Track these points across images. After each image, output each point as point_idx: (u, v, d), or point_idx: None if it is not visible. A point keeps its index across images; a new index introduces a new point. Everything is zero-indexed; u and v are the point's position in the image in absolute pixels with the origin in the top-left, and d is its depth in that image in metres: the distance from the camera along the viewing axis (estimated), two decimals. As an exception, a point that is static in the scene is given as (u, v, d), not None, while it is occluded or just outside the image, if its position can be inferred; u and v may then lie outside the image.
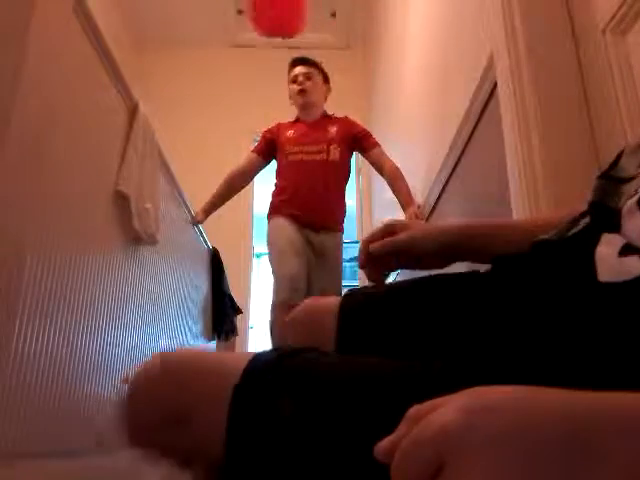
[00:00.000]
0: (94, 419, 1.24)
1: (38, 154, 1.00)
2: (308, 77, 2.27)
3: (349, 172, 2.26)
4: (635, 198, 0.38)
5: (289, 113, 2.38)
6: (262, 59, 4.27)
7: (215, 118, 4.09)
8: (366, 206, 3.93)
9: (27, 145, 0.96)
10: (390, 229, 0.66)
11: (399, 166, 2.38)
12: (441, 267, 0.68)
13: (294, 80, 2.28)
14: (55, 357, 1.05)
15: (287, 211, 2.07)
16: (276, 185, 2.22)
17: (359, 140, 2.23)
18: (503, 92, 1.13)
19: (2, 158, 0.88)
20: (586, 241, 0.41)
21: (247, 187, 3.89)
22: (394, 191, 2.14)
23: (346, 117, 2.32)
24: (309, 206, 2.08)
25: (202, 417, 0.37)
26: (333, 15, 4.07)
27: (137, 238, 1.54)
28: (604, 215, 0.42)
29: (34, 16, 0.97)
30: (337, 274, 2.20)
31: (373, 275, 0.69)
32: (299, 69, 2.29)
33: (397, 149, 2.78)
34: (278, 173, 2.23)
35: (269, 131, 2.32)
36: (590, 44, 1.01)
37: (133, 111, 1.52)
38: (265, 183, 2.54)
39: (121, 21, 3.90)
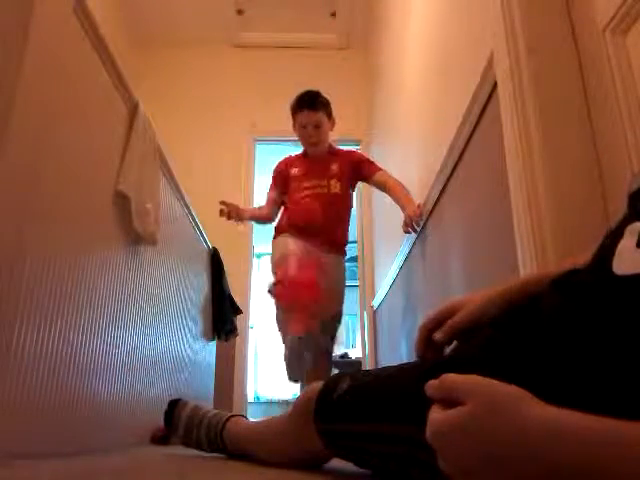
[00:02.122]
0: (94, 419, 1.24)
1: (38, 154, 1.00)
2: (317, 125, 2.31)
3: (350, 203, 2.37)
4: None
5: (288, 114, 2.38)
6: (262, 59, 4.27)
7: (215, 118, 4.09)
8: (366, 206, 3.94)
9: (27, 145, 0.96)
10: (447, 312, 0.67)
11: (398, 167, 2.38)
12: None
13: (303, 127, 2.33)
14: (55, 358, 1.05)
15: (293, 231, 2.22)
16: (285, 209, 2.36)
17: (360, 167, 2.33)
18: (503, 92, 1.13)
19: (2, 157, 0.88)
20: (613, 237, 0.41)
21: (247, 187, 3.92)
22: (393, 197, 2.21)
23: (350, 150, 2.48)
24: (312, 232, 2.20)
25: None
26: (333, 15, 4.07)
27: (137, 238, 1.54)
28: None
29: (34, 16, 0.97)
30: (337, 293, 2.24)
31: (429, 355, 0.70)
32: (308, 116, 2.31)
33: (397, 149, 2.78)
34: (288, 206, 2.36)
35: (278, 169, 2.44)
36: (590, 44, 1.01)
37: (133, 111, 1.52)
38: (266, 183, 2.54)
39: (121, 21, 3.90)
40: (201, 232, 2.48)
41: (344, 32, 4.20)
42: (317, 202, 2.25)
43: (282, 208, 2.39)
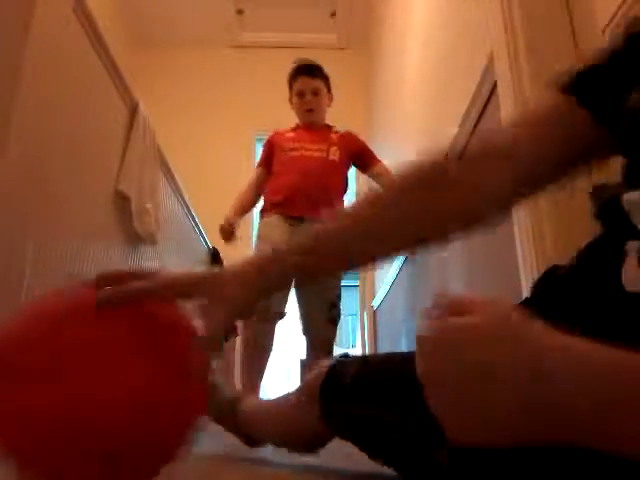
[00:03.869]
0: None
1: (39, 154, 1.00)
2: (315, 92, 2.13)
3: (347, 181, 2.12)
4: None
5: (289, 114, 2.38)
6: (262, 59, 4.27)
7: (215, 117, 4.09)
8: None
9: (28, 145, 0.96)
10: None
11: (398, 166, 2.38)
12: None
13: (300, 95, 2.13)
14: (55, 357, 1.05)
15: (281, 209, 1.95)
16: (271, 182, 2.08)
17: (362, 155, 2.14)
18: (503, 92, 1.13)
19: (3, 157, 0.88)
20: (611, 252, 0.41)
21: (247, 187, 3.91)
22: None
23: (348, 131, 2.19)
24: (306, 199, 1.93)
25: None
26: (333, 15, 4.07)
27: (137, 238, 1.54)
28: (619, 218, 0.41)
29: (34, 16, 0.97)
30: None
31: None
32: (305, 82, 2.12)
33: (397, 149, 2.78)
34: (275, 171, 2.08)
35: (268, 141, 2.20)
36: (590, 44, 1.01)
37: (133, 111, 1.52)
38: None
39: (121, 21, 3.90)
40: (201, 232, 2.48)
41: (344, 32, 4.20)
42: (312, 163, 1.99)
43: (271, 179, 2.10)
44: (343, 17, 4.06)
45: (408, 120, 2.48)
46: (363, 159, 2.13)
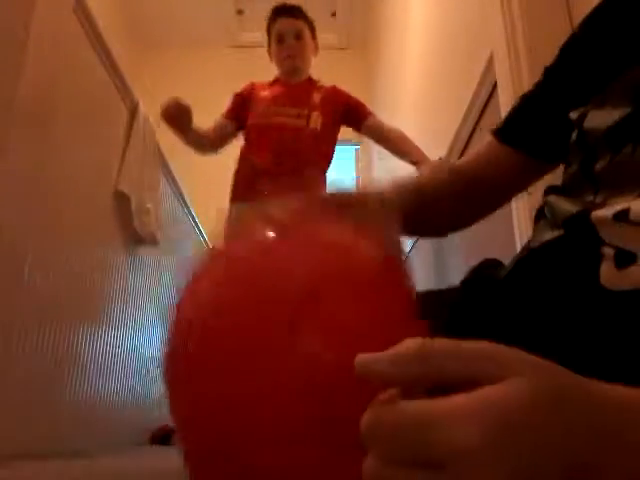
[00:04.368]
0: (94, 420, 1.24)
1: (39, 154, 1.00)
2: (298, 36, 1.84)
3: (331, 151, 1.79)
4: (610, 212, 0.38)
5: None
6: (262, 59, 4.26)
7: (215, 117, 4.09)
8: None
9: (28, 145, 0.96)
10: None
11: (398, 167, 2.38)
12: None
13: (280, 39, 1.86)
14: (56, 358, 1.05)
15: (253, 195, 1.66)
16: (242, 154, 1.83)
17: (352, 110, 1.82)
18: (503, 92, 1.13)
19: (4, 158, 0.88)
20: (582, 254, 0.41)
21: (247, 187, 3.91)
22: (398, 148, 1.73)
23: (334, 86, 1.88)
24: (282, 178, 1.65)
25: None
26: (333, 15, 4.07)
27: (138, 238, 1.54)
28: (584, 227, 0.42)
29: (34, 16, 0.97)
30: None
31: None
32: (286, 23, 1.85)
33: (397, 149, 2.79)
34: (246, 139, 1.83)
35: (241, 93, 1.92)
36: (590, 44, 1.01)
37: (133, 111, 1.52)
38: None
39: (121, 21, 3.90)
40: (201, 232, 2.48)
41: (344, 32, 4.20)
42: (289, 139, 1.69)
43: (241, 149, 1.84)
44: (343, 17, 4.06)
45: (408, 120, 2.48)
46: (353, 114, 1.82)
